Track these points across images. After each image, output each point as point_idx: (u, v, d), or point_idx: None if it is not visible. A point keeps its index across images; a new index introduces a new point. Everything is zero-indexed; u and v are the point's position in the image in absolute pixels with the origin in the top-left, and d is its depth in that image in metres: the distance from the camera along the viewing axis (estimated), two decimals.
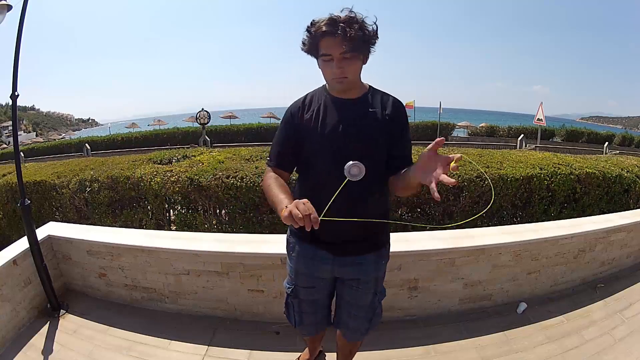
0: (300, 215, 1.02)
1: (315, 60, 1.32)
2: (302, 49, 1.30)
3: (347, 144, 1.33)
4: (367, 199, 1.36)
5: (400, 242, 1.57)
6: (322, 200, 1.18)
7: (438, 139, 1.05)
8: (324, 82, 1.39)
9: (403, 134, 1.39)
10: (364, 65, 1.33)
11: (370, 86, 1.43)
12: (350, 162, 1.22)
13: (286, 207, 1.08)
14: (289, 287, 1.60)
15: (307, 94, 1.45)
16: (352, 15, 1.22)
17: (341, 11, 1.23)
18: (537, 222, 2.88)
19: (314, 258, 1.48)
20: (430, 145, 1.06)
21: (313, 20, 1.26)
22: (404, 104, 1.47)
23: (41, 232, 2.61)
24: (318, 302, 1.61)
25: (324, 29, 1.21)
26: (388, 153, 1.36)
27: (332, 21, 1.21)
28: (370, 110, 1.36)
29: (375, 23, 1.25)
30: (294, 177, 1.62)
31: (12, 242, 2.53)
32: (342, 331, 1.68)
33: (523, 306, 2.51)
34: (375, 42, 1.29)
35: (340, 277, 1.53)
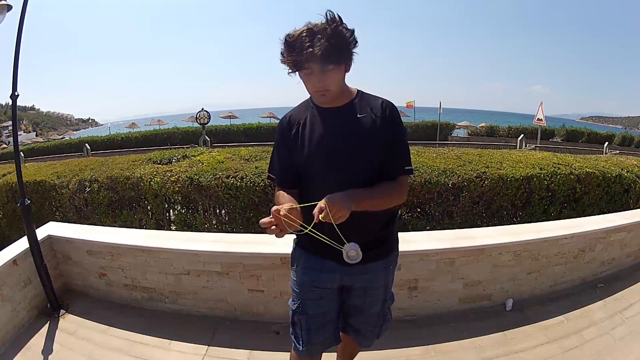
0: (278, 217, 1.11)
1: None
2: (282, 61, 1.23)
3: (336, 156, 1.29)
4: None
5: (401, 242, 1.57)
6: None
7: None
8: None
9: (395, 137, 1.32)
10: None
11: (358, 91, 1.37)
12: (347, 245, 1.22)
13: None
14: (294, 304, 1.50)
15: (290, 112, 1.42)
16: (329, 25, 1.17)
17: (315, 26, 1.17)
18: (537, 222, 2.87)
19: (320, 269, 1.43)
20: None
21: (289, 33, 1.19)
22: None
23: (41, 232, 2.61)
24: (326, 316, 1.50)
25: (302, 43, 1.16)
26: (382, 158, 1.31)
27: (310, 34, 1.16)
28: (358, 116, 1.30)
29: (352, 28, 1.21)
30: None
31: (12, 242, 2.53)
32: (353, 337, 1.65)
33: (510, 302, 2.52)
34: (355, 47, 1.24)
35: (348, 285, 1.48)
